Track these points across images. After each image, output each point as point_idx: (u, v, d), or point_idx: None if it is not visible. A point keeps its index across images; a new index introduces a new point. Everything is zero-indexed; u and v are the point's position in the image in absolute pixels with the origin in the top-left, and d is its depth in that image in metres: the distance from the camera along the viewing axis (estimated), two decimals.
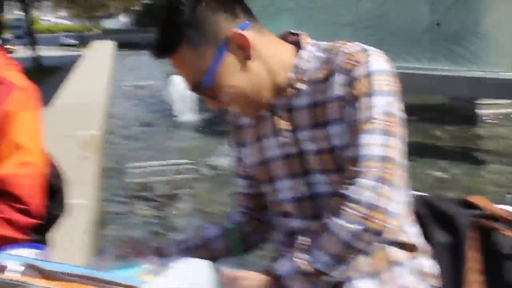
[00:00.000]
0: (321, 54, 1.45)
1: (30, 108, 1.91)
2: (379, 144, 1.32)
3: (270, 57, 1.44)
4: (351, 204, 1.29)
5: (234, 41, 1.38)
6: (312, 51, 1.47)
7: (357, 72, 1.36)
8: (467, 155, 6.31)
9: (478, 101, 7.60)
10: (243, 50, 1.39)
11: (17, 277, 1.32)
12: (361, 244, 1.31)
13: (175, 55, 1.40)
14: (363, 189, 1.29)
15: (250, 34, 1.39)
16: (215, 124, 7.02)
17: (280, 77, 1.46)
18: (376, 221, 1.28)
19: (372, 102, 1.34)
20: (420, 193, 1.75)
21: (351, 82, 1.36)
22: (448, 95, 7.93)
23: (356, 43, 1.44)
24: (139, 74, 13.45)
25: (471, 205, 1.76)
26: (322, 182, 1.46)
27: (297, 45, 1.49)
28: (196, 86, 1.43)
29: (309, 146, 1.45)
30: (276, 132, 1.51)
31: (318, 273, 1.31)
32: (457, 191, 4.91)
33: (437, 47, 7.07)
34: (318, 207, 1.47)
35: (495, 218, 1.72)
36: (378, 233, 1.30)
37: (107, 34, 29.40)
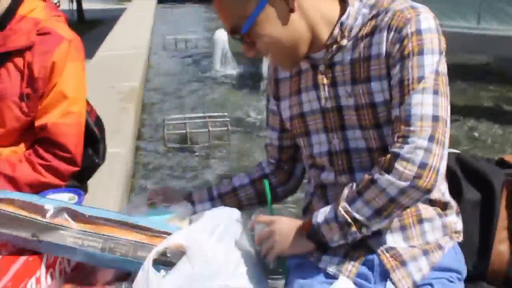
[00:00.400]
0: (367, 10, 1.44)
1: (75, 59, 1.95)
2: (430, 103, 1.32)
3: (314, 11, 1.42)
4: (404, 162, 1.30)
5: None
6: (358, 7, 1.45)
7: (407, 30, 1.35)
8: (508, 116, 6.16)
9: None
10: (287, 2, 1.38)
11: (55, 219, 1.37)
12: (406, 200, 1.32)
13: None
14: (417, 148, 1.30)
15: None
16: (252, 79, 7.02)
17: (323, 32, 1.44)
18: (427, 179, 1.30)
19: (422, 61, 1.34)
20: (453, 150, 1.73)
21: (400, 39, 1.35)
22: (494, 55, 7.72)
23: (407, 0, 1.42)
24: (180, 28, 13.42)
25: (506, 164, 1.74)
26: (357, 138, 1.46)
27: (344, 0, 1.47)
28: (234, 31, 1.42)
29: (348, 102, 1.45)
30: (316, 86, 1.51)
31: (355, 223, 1.35)
32: (496, 151, 4.82)
33: (485, 5, 6.85)
34: (352, 162, 1.49)
35: None
36: (426, 191, 1.32)
37: None
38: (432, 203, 1.49)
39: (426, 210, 1.48)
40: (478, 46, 6.79)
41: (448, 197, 1.54)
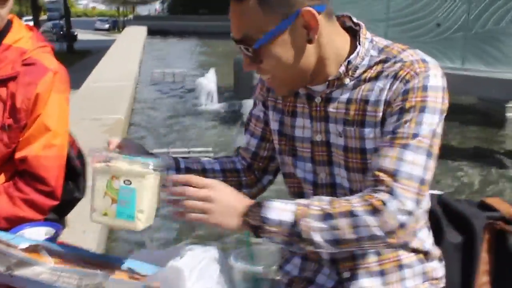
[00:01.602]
0: (376, 53, 1.40)
1: (60, 91, 1.93)
2: (421, 165, 1.29)
3: (329, 47, 1.38)
4: (388, 215, 1.25)
5: (304, 19, 1.32)
6: (367, 48, 1.41)
7: (414, 83, 1.32)
8: (491, 157, 6.22)
9: (509, 104, 7.50)
10: (308, 30, 1.33)
11: (30, 254, 1.35)
12: (368, 245, 1.28)
13: (242, 3, 1.32)
14: (404, 208, 1.26)
15: (321, 18, 1.33)
16: (234, 113, 7.05)
17: (330, 67, 1.40)
18: (398, 239, 1.26)
19: (422, 118, 1.31)
20: (436, 192, 1.73)
21: (405, 91, 1.32)
22: (479, 96, 7.81)
23: (417, 51, 1.39)
24: (168, 61, 13.52)
25: (487, 207, 1.74)
26: (343, 176, 1.44)
27: (354, 34, 1.44)
28: (243, 41, 1.36)
29: (338, 141, 1.43)
30: (310, 116, 1.48)
31: (307, 241, 1.28)
32: (477, 193, 4.85)
33: (470, 47, 6.97)
34: (337, 195, 1.45)
35: (511, 220, 1.70)
36: (390, 246, 1.31)
37: (139, 20, 29.58)
38: (413, 250, 1.48)
39: (407, 256, 1.46)
40: (463, 87, 6.87)
41: (429, 246, 1.52)
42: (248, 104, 6.26)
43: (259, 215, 1.29)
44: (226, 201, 1.30)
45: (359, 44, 1.40)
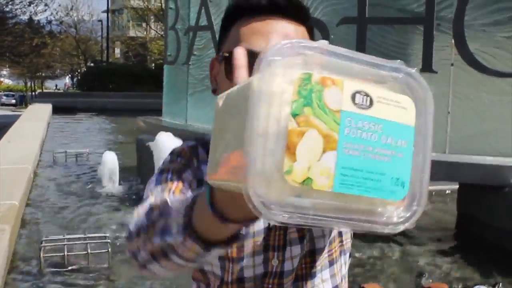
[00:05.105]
0: None
1: None
2: None
3: None
4: None
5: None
6: None
7: None
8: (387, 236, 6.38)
9: None
10: None
11: None
12: None
13: (298, 24, 1.31)
14: None
15: None
16: (136, 195, 7.00)
17: None
18: None
19: None
20: None
21: None
22: None
23: None
24: (72, 140, 13.30)
25: None
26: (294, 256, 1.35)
27: None
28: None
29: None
30: None
31: None
32: (373, 273, 4.95)
33: None
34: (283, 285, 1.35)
35: None
36: None
37: (44, 97, 29.13)
38: None
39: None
40: None
41: None
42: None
43: None
44: None
45: None
